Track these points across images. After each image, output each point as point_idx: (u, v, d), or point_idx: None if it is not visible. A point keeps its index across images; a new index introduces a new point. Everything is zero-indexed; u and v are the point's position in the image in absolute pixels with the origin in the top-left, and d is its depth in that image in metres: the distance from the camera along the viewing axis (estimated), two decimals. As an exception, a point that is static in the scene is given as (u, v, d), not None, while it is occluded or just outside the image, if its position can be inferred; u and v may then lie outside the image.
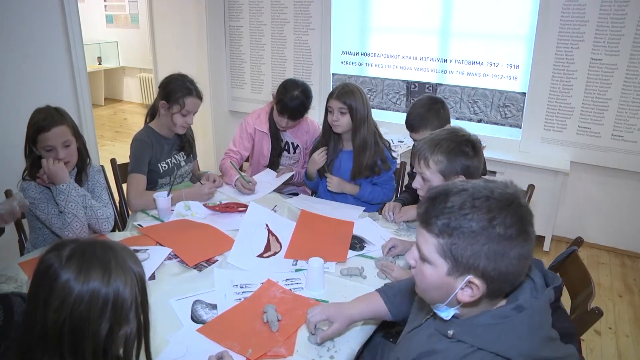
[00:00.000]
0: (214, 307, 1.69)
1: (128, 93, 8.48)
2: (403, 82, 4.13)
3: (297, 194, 2.83)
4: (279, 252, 2.08)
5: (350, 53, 4.28)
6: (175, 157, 2.64)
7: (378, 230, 2.27)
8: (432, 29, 3.92)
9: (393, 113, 4.21)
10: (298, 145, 2.93)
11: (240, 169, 2.76)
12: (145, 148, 2.50)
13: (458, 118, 3.95)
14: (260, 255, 2.05)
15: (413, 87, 4.09)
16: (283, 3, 4.37)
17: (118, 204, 2.69)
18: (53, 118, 2.00)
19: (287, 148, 2.94)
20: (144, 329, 1.07)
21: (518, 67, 3.68)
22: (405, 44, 4.05)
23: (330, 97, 2.50)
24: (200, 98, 2.52)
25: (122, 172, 2.70)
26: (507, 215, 1.01)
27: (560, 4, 3.40)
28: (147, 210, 2.39)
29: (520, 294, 1.09)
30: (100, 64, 8.02)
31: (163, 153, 2.58)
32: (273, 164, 2.93)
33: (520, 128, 3.79)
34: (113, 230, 2.25)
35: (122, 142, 6.28)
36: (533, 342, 1.03)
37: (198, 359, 1.42)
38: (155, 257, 1.96)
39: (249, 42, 4.64)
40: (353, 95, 2.45)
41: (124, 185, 2.61)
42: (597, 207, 3.72)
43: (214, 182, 2.60)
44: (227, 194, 2.63)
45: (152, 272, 1.86)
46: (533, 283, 1.12)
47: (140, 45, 7.74)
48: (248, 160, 3.04)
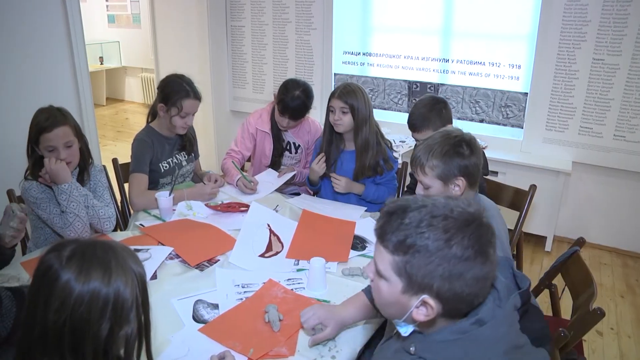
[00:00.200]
0: (216, 306, 1.69)
1: (130, 93, 8.48)
2: (405, 82, 4.12)
3: (298, 194, 2.83)
4: (281, 252, 2.08)
5: (352, 53, 4.28)
6: (177, 156, 2.64)
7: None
8: (433, 29, 3.92)
9: (395, 113, 4.20)
10: (300, 145, 2.93)
11: (242, 169, 2.77)
12: (146, 148, 2.50)
13: (460, 118, 3.94)
14: (262, 255, 2.05)
15: (415, 87, 4.09)
16: (285, 3, 4.37)
17: (120, 204, 2.69)
18: (55, 118, 2.00)
19: (288, 148, 2.94)
20: (145, 329, 1.07)
21: (520, 67, 3.68)
22: (407, 44, 4.04)
23: (332, 96, 2.50)
24: (199, 98, 2.51)
25: (123, 171, 2.70)
26: (464, 236, 0.97)
27: (562, 4, 3.39)
28: (148, 210, 2.40)
29: (482, 306, 1.05)
30: (102, 64, 8.03)
31: (164, 153, 2.58)
32: (275, 164, 2.94)
33: (522, 128, 3.78)
34: (115, 230, 2.24)
35: (123, 141, 6.28)
36: (497, 354, 1.00)
37: (200, 359, 1.42)
38: (157, 256, 1.96)
39: (251, 42, 4.65)
40: (355, 95, 2.45)
41: (126, 185, 2.61)
42: (599, 207, 3.72)
43: (216, 182, 2.60)
44: (228, 194, 2.63)
45: (153, 271, 1.86)
46: (496, 292, 1.08)
47: (142, 45, 7.74)
48: (250, 160, 3.05)
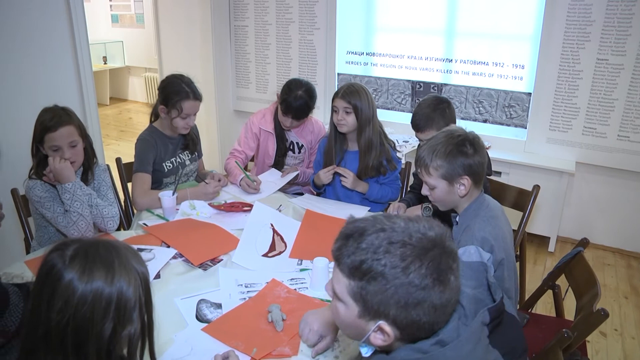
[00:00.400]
0: (219, 306, 1.69)
1: (133, 92, 8.50)
2: (408, 82, 4.12)
3: (302, 194, 2.83)
4: (284, 251, 2.08)
5: (356, 53, 4.28)
6: (180, 156, 2.64)
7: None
8: (437, 29, 3.92)
9: (398, 113, 4.20)
10: (303, 145, 2.93)
11: (245, 169, 2.77)
12: (149, 147, 2.51)
13: (463, 118, 3.94)
14: (265, 255, 2.05)
15: (418, 87, 4.08)
16: (288, 3, 4.37)
17: (123, 203, 2.69)
18: (60, 118, 2.00)
19: (292, 148, 2.94)
20: (148, 329, 1.07)
21: (523, 67, 3.67)
22: (411, 44, 4.04)
23: (336, 96, 2.50)
24: (199, 99, 2.50)
25: (127, 171, 2.71)
26: (422, 264, 0.93)
27: (566, 4, 3.38)
28: (152, 209, 2.40)
29: (445, 326, 1.01)
30: (106, 64, 8.04)
31: (167, 152, 2.58)
32: (278, 164, 2.94)
33: (526, 128, 3.78)
34: (118, 229, 2.25)
35: (127, 141, 6.29)
36: None
37: (203, 358, 1.43)
38: (160, 256, 1.96)
39: (254, 41, 4.65)
40: (358, 95, 2.45)
41: (129, 185, 2.61)
42: (602, 208, 3.71)
43: (219, 181, 2.60)
44: (232, 194, 2.63)
45: (157, 271, 1.86)
46: (462, 309, 1.05)
47: (146, 45, 7.76)
48: (253, 160, 3.05)
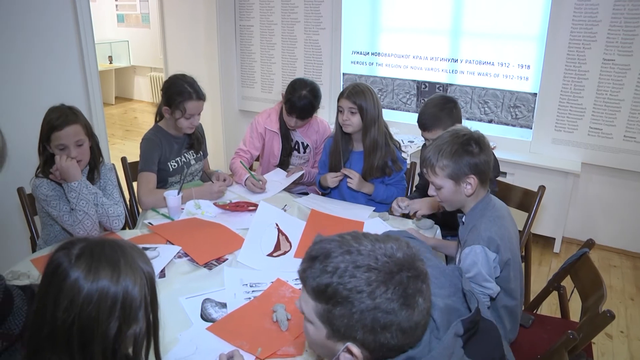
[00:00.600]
0: (224, 305, 1.69)
1: (138, 92, 8.52)
2: (413, 82, 4.11)
3: (307, 194, 2.83)
4: (289, 251, 2.08)
5: (361, 53, 4.27)
6: (185, 155, 2.65)
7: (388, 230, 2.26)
8: (442, 29, 3.91)
9: (403, 113, 4.20)
10: (308, 145, 2.93)
11: (250, 169, 2.77)
12: (154, 147, 2.51)
13: (468, 118, 3.93)
14: (270, 255, 2.05)
15: (423, 87, 4.08)
16: (294, 2, 4.37)
17: (128, 202, 2.70)
18: (67, 117, 2.02)
19: (297, 147, 2.94)
20: (153, 328, 1.08)
21: (529, 67, 3.66)
22: (416, 44, 4.03)
23: (341, 96, 2.50)
24: (202, 99, 2.50)
25: (132, 170, 2.72)
26: (388, 289, 0.92)
27: (572, 4, 3.37)
28: (157, 209, 2.41)
29: (418, 342, 1.01)
30: (111, 63, 8.06)
31: (172, 152, 2.59)
32: (283, 164, 2.94)
33: (531, 129, 3.77)
34: (123, 229, 2.26)
35: (132, 140, 6.31)
36: None
37: (207, 357, 1.43)
38: (165, 255, 1.96)
39: (260, 41, 4.65)
40: (364, 95, 2.45)
41: (135, 184, 2.62)
42: (608, 209, 3.69)
43: (224, 181, 2.60)
44: (237, 193, 2.63)
45: (161, 269, 1.87)
46: (433, 322, 1.04)
47: (151, 45, 7.78)
48: (258, 160, 3.05)
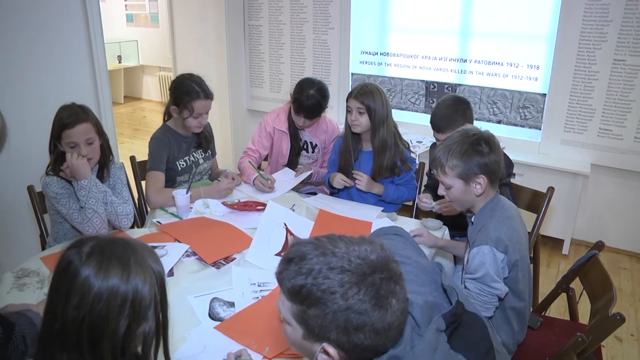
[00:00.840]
0: (232, 304, 1.70)
1: (147, 91, 8.55)
2: (422, 82, 4.10)
3: (315, 194, 2.83)
4: (297, 251, 2.08)
5: (370, 53, 4.27)
6: (194, 154, 2.66)
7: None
8: (451, 29, 3.90)
9: (412, 113, 4.19)
10: (317, 145, 2.93)
11: (259, 168, 2.77)
12: (163, 146, 2.52)
13: (477, 119, 3.91)
14: (278, 254, 2.05)
15: (432, 87, 4.07)
16: (302, 2, 4.37)
17: (137, 201, 2.71)
18: (77, 115, 2.03)
19: (305, 147, 2.94)
20: (163, 328, 1.08)
21: (538, 67, 3.64)
22: (425, 44, 4.02)
23: (349, 96, 2.50)
24: (210, 97, 2.51)
25: (141, 169, 2.73)
26: (360, 291, 0.94)
27: (583, 3, 3.34)
28: (166, 208, 2.41)
29: (399, 341, 1.01)
30: (120, 63, 8.09)
31: (181, 151, 2.60)
32: (292, 163, 2.94)
33: (540, 129, 3.75)
34: (132, 227, 2.27)
35: (140, 139, 6.33)
36: None
37: (215, 356, 1.43)
38: (173, 253, 1.97)
39: (268, 41, 4.66)
40: (372, 96, 2.45)
41: (143, 183, 2.63)
42: (618, 210, 3.67)
43: (232, 180, 2.61)
44: (245, 192, 2.64)
45: (169, 268, 1.87)
46: (413, 320, 1.05)
47: (160, 44, 7.81)
48: (267, 160, 3.05)
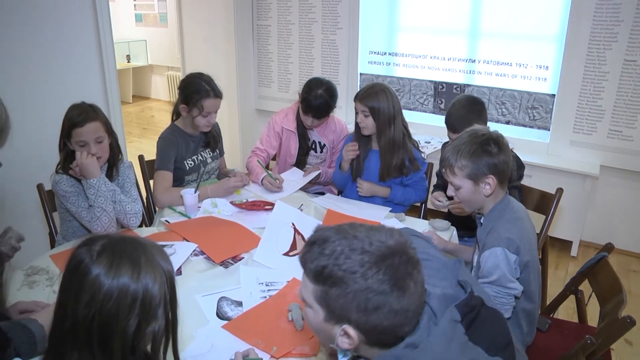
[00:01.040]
0: (240, 304, 1.70)
1: (156, 91, 8.58)
2: (430, 82, 4.09)
3: (323, 194, 2.83)
4: (305, 251, 2.08)
5: (378, 53, 4.26)
6: (202, 154, 2.66)
7: (404, 231, 2.25)
8: (460, 29, 3.88)
9: (420, 114, 4.18)
10: (325, 145, 2.93)
11: (267, 168, 2.78)
12: (171, 146, 2.53)
13: (486, 119, 3.90)
14: (286, 254, 2.05)
15: (440, 87, 4.05)
16: (311, 2, 4.37)
17: (145, 200, 2.72)
18: (87, 114, 2.05)
19: (314, 147, 2.95)
20: (172, 326, 1.08)
21: (547, 68, 3.62)
22: (433, 44, 4.01)
23: (355, 98, 2.51)
24: (219, 96, 2.52)
25: (149, 168, 2.74)
26: (379, 271, 0.97)
27: (594, 3, 3.31)
28: (174, 207, 2.42)
29: (416, 328, 1.04)
30: (129, 62, 8.13)
31: (189, 150, 2.60)
32: (300, 163, 2.95)
33: (549, 130, 3.73)
34: (140, 226, 2.28)
35: (149, 138, 6.36)
36: None
37: (223, 355, 1.44)
38: (181, 252, 1.98)
39: (277, 40, 4.66)
40: (376, 97, 2.44)
41: (151, 182, 2.64)
42: (627, 212, 3.64)
43: (240, 178, 2.62)
44: (253, 192, 2.64)
45: (178, 267, 1.88)
46: (430, 310, 1.07)
47: (169, 44, 7.83)
48: (275, 159, 3.06)
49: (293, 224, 2.24)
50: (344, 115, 4.31)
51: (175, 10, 5.09)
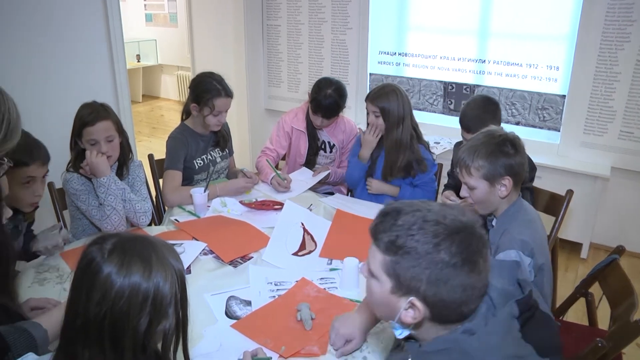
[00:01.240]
0: (249, 303, 1.70)
1: (165, 90, 8.61)
2: (440, 82, 4.08)
3: (332, 193, 2.83)
4: (314, 250, 2.09)
5: (388, 53, 4.25)
6: (211, 153, 2.67)
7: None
8: (470, 29, 3.87)
9: (429, 114, 4.16)
10: (335, 145, 2.93)
11: (276, 167, 2.78)
12: (180, 145, 2.54)
13: (496, 120, 3.88)
14: (295, 254, 2.06)
15: (450, 88, 4.04)
16: (321, 2, 4.37)
17: (154, 199, 2.73)
18: (98, 113, 2.07)
19: (323, 147, 2.95)
20: (182, 325, 1.09)
21: (558, 68, 3.60)
22: (443, 44, 4.00)
23: (366, 99, 2.52)
24: (230, 96, 2.53)
25: (159, 167, 2.75)
26: (453, 243, 0.99)
27: (605, 3, 3.29)
28: (183, 206, 2.43)
29: (474, 316, 1.05)
30: (139, 62, 8.16)
31: (198, 150, 2.61)
32: (310, 163, 2.95)
33: (559, 131, 3.70)
34: (150, 225, 2.29)
35: (158, 138, 6.39)
36: None
37: (231, 354, 1.44)
38: (191, 251, 1.99)
39: (287, 40, 4.66)
40: (387, 98, 2.45)
41: (161, 181, 2.65)
42: (638, 214, 3.60)
43: (250, 178, 2.62)
44: (263, 192, 2.65)
45: (187, 265, 1.89)
46: (490, 301, 1.08)
47: (179, 44, 7.85)
48: (284, 159, 3.06)
49: (302, 224, 2.24)
50: (354, 116, 4.31)
51: (185, 10, 5.11)
